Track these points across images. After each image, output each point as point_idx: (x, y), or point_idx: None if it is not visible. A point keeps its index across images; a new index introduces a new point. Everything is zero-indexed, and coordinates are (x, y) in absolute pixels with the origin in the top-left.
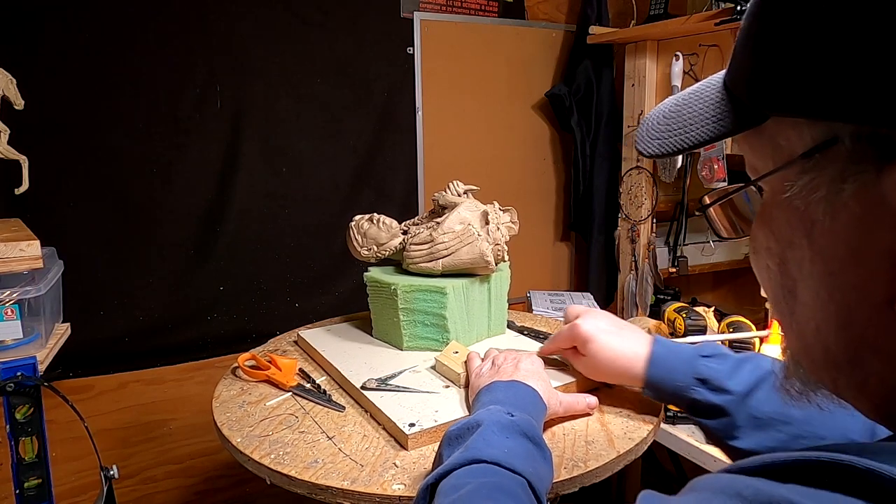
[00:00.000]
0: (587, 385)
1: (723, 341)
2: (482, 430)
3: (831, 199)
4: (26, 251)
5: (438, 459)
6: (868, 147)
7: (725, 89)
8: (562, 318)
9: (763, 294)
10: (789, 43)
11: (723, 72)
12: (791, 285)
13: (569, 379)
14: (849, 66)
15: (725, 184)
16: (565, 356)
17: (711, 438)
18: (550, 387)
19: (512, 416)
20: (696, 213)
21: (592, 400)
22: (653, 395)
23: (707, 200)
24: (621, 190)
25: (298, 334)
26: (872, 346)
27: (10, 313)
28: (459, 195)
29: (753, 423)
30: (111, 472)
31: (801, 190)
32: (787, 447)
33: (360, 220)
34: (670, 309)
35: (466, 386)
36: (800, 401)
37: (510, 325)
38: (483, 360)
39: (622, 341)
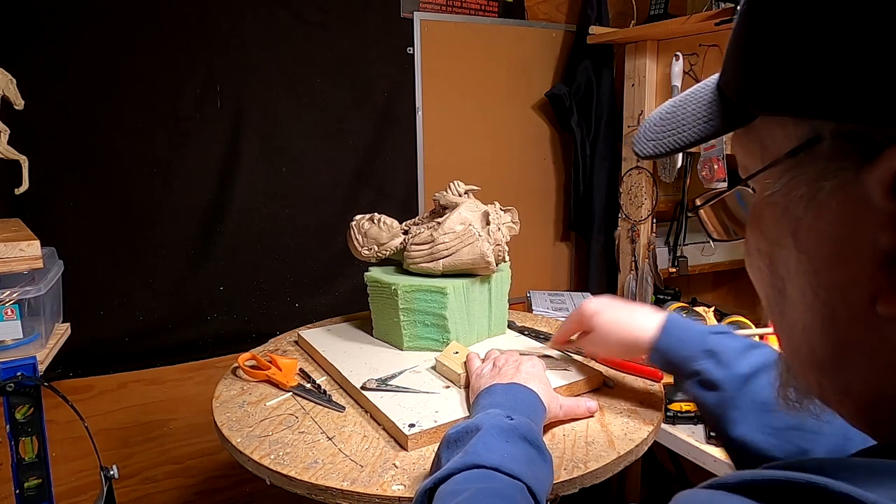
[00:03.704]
0: (589, 385)
1: None
2: (481, 434)
3: (812, 196)
4: (26, 251)
5: (437, 462)
6: (848, 145)
7: (718, 90)
8: (562, 318)
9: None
10: (774, 42)
11: (717, 73)
12: (780, 285)
13: (570, 380)
14: (829, 63)
15: (725, 184)
16: (577, 345)
17: (708, 418)
18: (551, 390)
19: (511, 419)
20: (689, 214)
21: (593, 404)
22: (658, 362)
23: (699, 201)
24: (621, 190)
25: (299, 334)
26: (856, 347)
27: (10, 313)
28: (460, 195)
29: (752, 407)
30: (111, 472)
31: (784, 188)
32: (781, 437)
33: (361, 220)
34: (670, 309)
35: (467, 386)
36: (795, 409)
37: (511, 326)
38: (484, 360)
39: (631, 313)
